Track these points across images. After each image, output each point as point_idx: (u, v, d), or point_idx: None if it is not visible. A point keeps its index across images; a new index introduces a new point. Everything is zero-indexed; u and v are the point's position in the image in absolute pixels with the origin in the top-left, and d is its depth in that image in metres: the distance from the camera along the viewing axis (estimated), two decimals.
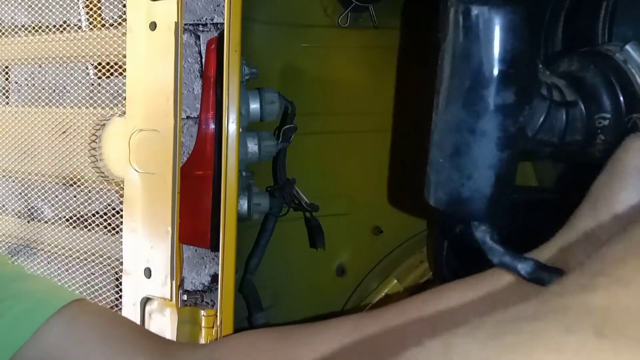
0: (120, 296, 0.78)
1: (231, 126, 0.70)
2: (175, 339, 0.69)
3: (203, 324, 0.74)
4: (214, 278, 1.31)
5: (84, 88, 0.88)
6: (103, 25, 0.84)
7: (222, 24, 0.78)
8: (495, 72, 0.36)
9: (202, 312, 0.74)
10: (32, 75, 0.94)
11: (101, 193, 0.86)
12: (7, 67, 0.97)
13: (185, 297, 0.78)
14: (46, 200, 0.91)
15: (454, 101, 0.38)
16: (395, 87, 1.00)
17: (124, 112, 0.77)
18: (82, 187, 0.86)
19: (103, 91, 0.85)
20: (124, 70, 0.77)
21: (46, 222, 0.92)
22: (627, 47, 0.43)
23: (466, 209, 0.39)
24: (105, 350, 0.50)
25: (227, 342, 0.63)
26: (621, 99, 0.42)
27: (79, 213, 0.89)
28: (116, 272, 0.82)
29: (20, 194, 0.95)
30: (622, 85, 0.42)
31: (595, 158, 0.44)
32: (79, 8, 0.86)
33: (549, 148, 0.43)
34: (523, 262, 0.38)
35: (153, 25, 0.72)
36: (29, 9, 0.89)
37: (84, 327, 0.50)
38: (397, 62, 1.00)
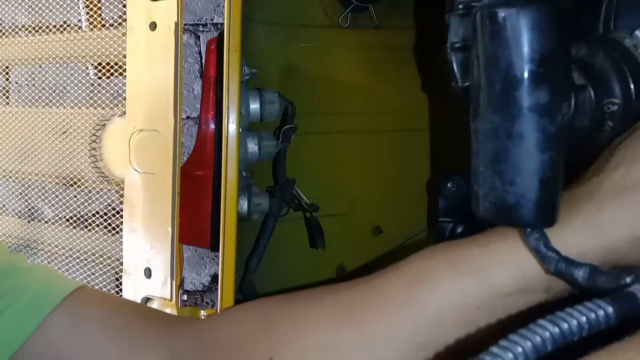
0: (121, 296, 0.78)
1: (231, 126, 0.70)
2: None
3: None
4: (214, 278, 1.31)
5: (84, 88, 0.88)
6: (103, 26, 0.84)
7: (222, 24, 0.78)
8: (526, 72, 0.35)
9: (202, 312, 0.75)
10: (32, 75, 0.94)
11: (101, 193, 0.86)
12: (7, 67, 0.97)
13: (185, 297, 0.78)
14: (46, 200, 0.91)
15: (488, 107, 0.37)
16: (395, 86, 1.00)
17: (124, 112, 0.77)
18: (82, 187, 0.86)
19: (103, 91, 0.85)
20: (124, 70, 0.77)
21: (46, 222, 0.92)
22: (637, 32, 0.42)
23: (514, 217, 0.37)
24: (105, 341, 0.50)
25: (221, 315, 0.62)
26: (631, 85, 0.42)
27: (79, 213, 0.89)
28: (116, 272, 0.82)
29: (21, 194, 0.95)
30: (632, 70, 0.42)
31: (601, 147, 0.43)
32: (79, 8, 0.86)
33: None
34: (579, 268, 0.36)
35: (153, 25, 0.72)
36: (29, 9, 0.89)
37: (85, 319, 0.50)
38: (397, 61, 0.99)
